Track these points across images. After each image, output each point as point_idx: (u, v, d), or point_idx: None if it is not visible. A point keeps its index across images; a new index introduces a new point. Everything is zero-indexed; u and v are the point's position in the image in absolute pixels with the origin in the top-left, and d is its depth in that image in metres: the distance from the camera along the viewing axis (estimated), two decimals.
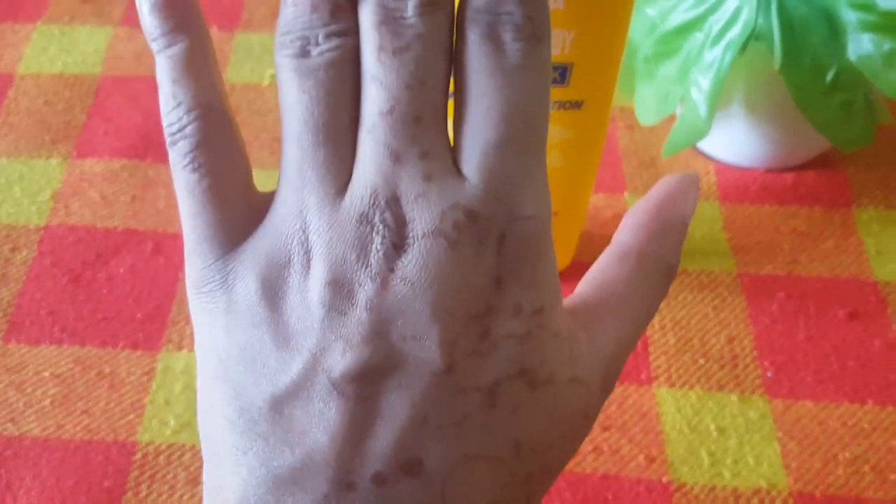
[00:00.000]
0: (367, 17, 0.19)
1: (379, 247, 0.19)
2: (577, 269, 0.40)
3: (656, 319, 0.38)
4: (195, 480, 0.33)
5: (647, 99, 0.41)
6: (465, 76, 0.19)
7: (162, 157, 0.44)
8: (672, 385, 0.36)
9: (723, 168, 0.44)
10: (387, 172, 0.19)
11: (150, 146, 0.44)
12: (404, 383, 0.19)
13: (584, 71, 0.30)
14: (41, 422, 0.34)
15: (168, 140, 0.20)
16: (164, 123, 0.20)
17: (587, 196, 0.36)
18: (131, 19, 0.51)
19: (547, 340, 0.20)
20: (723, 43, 0.36)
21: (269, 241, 0.20)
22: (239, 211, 0.20)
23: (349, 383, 0.19)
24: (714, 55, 0.36)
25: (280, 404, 0.19)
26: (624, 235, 0.23)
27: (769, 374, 0.37)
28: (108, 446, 0.34)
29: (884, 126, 0.47)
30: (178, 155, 0.20)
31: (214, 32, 0.50)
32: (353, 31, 0.19)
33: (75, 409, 0.35)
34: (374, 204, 0.19)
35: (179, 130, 0.20)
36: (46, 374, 0.36)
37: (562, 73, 0.30)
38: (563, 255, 0.39)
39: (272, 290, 0.19)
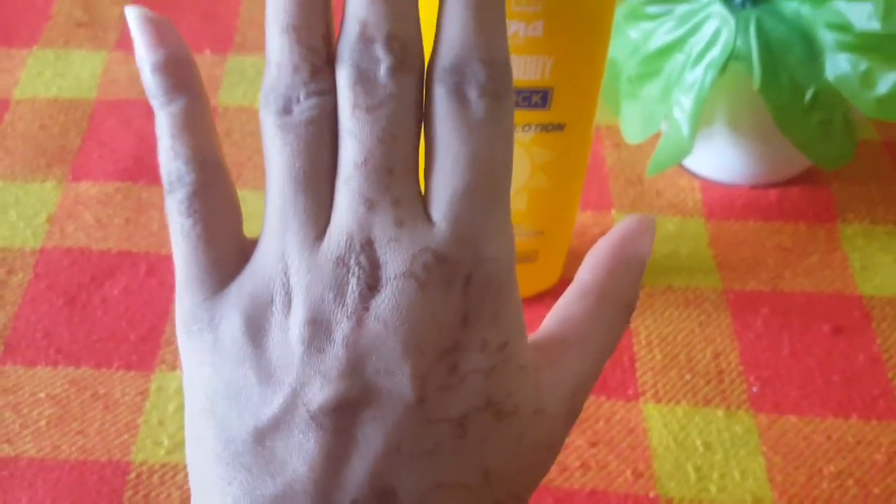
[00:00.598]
0: (344, 78, 0.21)
1: (355, 288, 0.20)
2: (564, 287, 0.41)
3: (643, 336, 0.39)
4: (188, 500, 0.33)
5: (632, 118, 0.41)
6: (434, 129, 0.21)
7: (155, 179, 0.44)
8: (659, 400, 0.37)
9: (708, 185, 0.45)
10: (361, 219, 0.20)
11: (143, 169, 0.45)
12: (378, 415, 0.20)
13: (564, 95, 0.31)
14: (37, 442, 0.35)
15: (166, 188, 0.22)
16: (163, 172, 0.22)
17: (573, 215, 0.37)
18: (126, 44, 0.52)
19: (512, 374, 0.21)
20: (703, 64, 0.36)
21: (253, 282, 0.21)
22: (228, 255, 0.22)
23: (327, 416, 0.20)
24: (695, 76, 0.37)
25: (263, 436, 0.20)
26: (585, 274, 0.24)
27: (755, 388, 0.37)
28: (103, 466, 0.34)
29: (867, 141, 0.48)
30: (175, 202, 0.22)
31: (207, 55, 0.51)
32: (331, 91, 0.21)
33: (70, 430, 0.35)
34: (350, 248, 0.20)
35: (178, 180, 0.22)
36: (42, 395, 0.36)
37: (543, 97, 0.31)
38: (550, 273, 0.40)
39: (255, 329, 0.21)
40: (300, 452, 0.20)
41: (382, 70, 0.20)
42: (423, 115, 0.21)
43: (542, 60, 0.29)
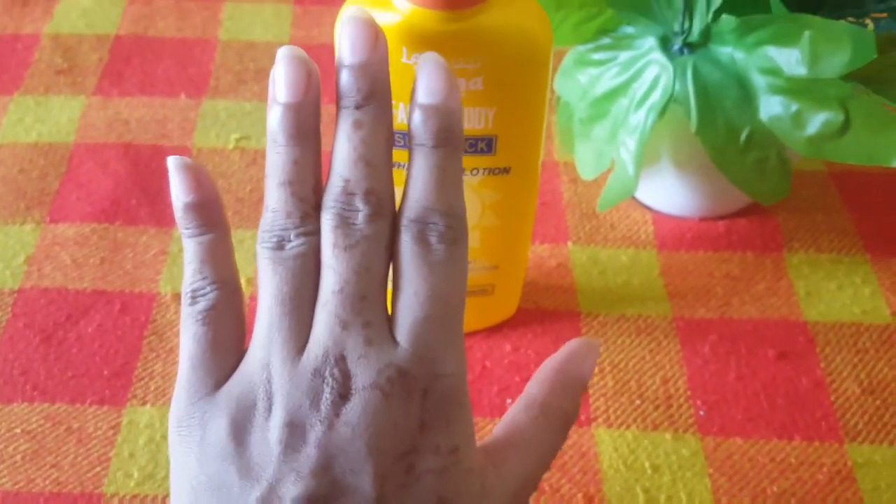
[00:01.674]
0: (328, 222, 0.25)
1: (328, 396, 0.24)
2: (522, 316, 0.43)
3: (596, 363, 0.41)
4: None
5: (585, 156, 0.43)
6: (401, 266, 0.25)
7: (130, 220, 0.46)
8: (610, 426, 0.39)
9: (660, 217, 0.47)
10: (336, 337, 0.24)
11: (119, 210, 0.47)
12: None
13: (507, 141, 0.33)
14: (12, 476, 0.36)
15: (188, 299, 0.26)
16: (188, 287, 0.26)
17: (525, 248, 0.39)
18: (104, 89, 0.54)
19: (461, 475, 0.25)
20: (645, 107, 0.39)
21: (240, 387, 0.25)
22: (229, 364, 0.25)
23: None
24: (638, 118, 0.39)
25: None
26: (532, 388, 0.29)
27: (701, 412, 0.39)
28: (76, 499, 0.36)
29: (814, 172, 0.50)
30: (194, 311, 0.25)
31: (182, 99, 0.53)
32: (316, 232, 0.25)
33: (45, 464, 0.37)
34: (325, 361, 0.24)
35: (201, 294, 0.26)
36: (18, 430, 0.38)
37: (488, 144, 0.33)
38: (507, 304, 0.42)
39: (239, 429, 0.24)
40: None
41: (360, 217, 0.25)
42: (394, 253, 0.25)
43: (485, 111, 0.31)
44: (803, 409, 0.39)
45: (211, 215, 0.26)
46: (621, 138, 0.40)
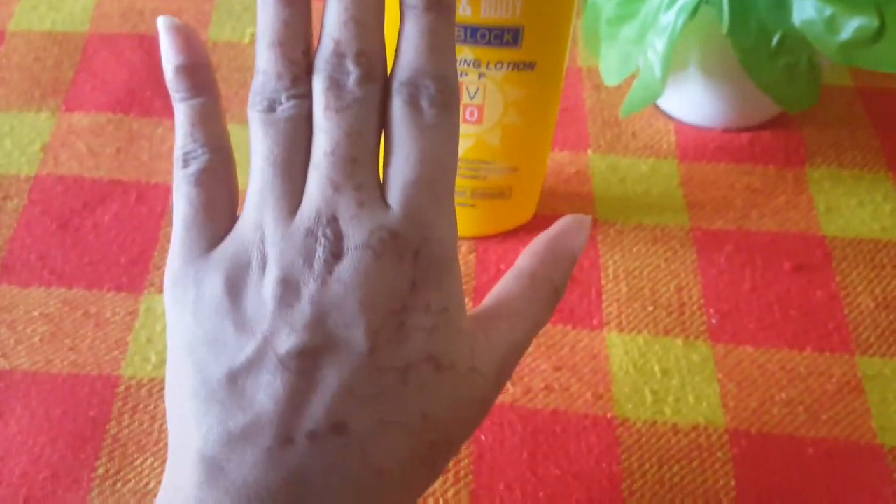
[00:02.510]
0: (318, 85, 0.24)
1: (321, 255, 0.24)
2: (538, 222, 0.42)
3: (611, 269, 0.41)
4: None
5: (610, 60, 0.42)
6: (392, 131, 0.25)
7: (146, 112, 0.46)
8: (622, 330, 0.39)
9: (682, 127, 0.46)
10: (329, 198, 0.24)
11: (134, 101, 0.46)
12: (336, 361, 0.23)
13: (534, 33, 0.32)
14: (31, 357, 0.37)
15: (180, 162, 0.25)
16: (179, 151, 0.26)
17: (546, 152, 0.39)
18: None
19: (451, 335, 0.25)
20: (676, 6, 0.38)
21: (234, 247, 0.25)
22: (221, 226, 0.25)
23: (293, 360, 0.23)
24: (668, 18, 0.38)
25: (236, 377, 0.23)
26: (523, 260, 0.29)
27: (714, 320, 0.39)
28: (94, 380, 0.36)
29: (841, 87, 0.49)
30: (187, 174, 0.25)
31: None
32: (307, 95, 0.25)
33: (63, 346, 0.37)
34: (318, 221, 0.24)
35: (193, 157, 0.25)
36: (36, 313, 0.38)
37: (514, 36, 0.32)
38: (525, 209, 0.41)
39: (234, 286, 0.24)
40: (268, 390, 0.23)
41: (351, 80, 0.24)
42: (385, 118, 0.25)
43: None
44: (816, 321, 0.39)
45: (201, 79, 0.26)
46: (650, 39, 0.39)
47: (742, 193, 0.44)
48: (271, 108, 0.25)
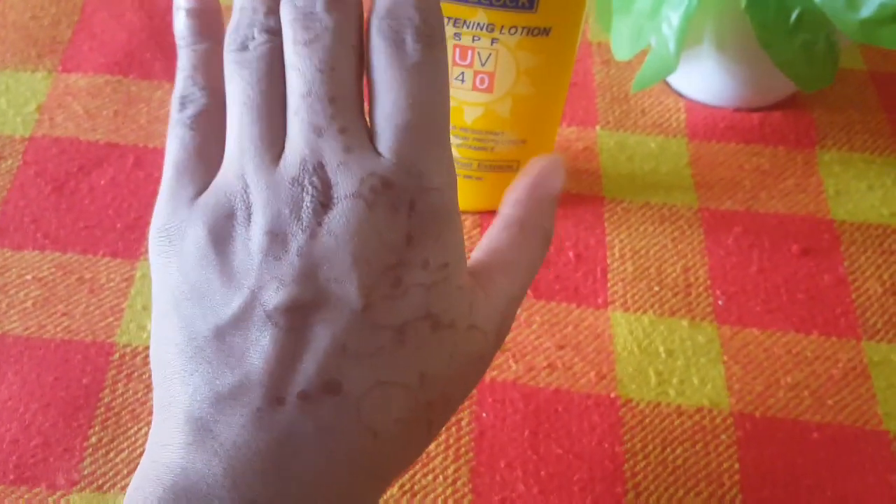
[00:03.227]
0: (285, 16, 0.23)
1: (309, 204, 0.22)
2: None
3: (617, 248, 0.40)
4: None
5: (622, 33, 0.41)
6: (375, 73, 0.23)
7: (145, 74, 0.45)
8: (627, 309, 0.38)
9: (693, 106, 0.45)
10: (312, 144, 0.22)
11: (133, 63, 0.45)
12: (328, 318, 0.22)
13: None
14: (23, 322, 0.36)
15: (177, 105, 0.24)
16: (178, 94, 0.24)
17: (555, 125, 0.38)
18: None
19: (450, 292, 0.24)
20: None
21: (216, 197, 0.23)
22: (210, 175, 0.24)
23: (281, 315, 0.22)
24: None
25: (223, 333, 0.22)
26: (507, 209, 0.28)
27: (720, 302, 0.39)
28: (87, 346, 0.35)
29: (853, 70, 0.48)
30: (183, 116, 0.24)
31: None
32: (281, 31, 0.23)
33: (56, 311, 0.36)
34: (303, 169, 0.22)
35: (191, 100, 0.24)
36: (29, 277, 0.37)
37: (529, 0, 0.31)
38: None
39: (219, 238, 0.23)
40: (256, 347, 0.22)
41: (318, 5, 0.23)
42: (367, 59, 0.23)
43: None
44: (823, 305, 0.39)
45: (209, 25, 0.25)
46: (664, 13, 0.38)
47: (751, 174, 0.43)
48: (244, 46, 0.23)
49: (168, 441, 0.22)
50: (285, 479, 0.22)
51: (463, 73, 0.34)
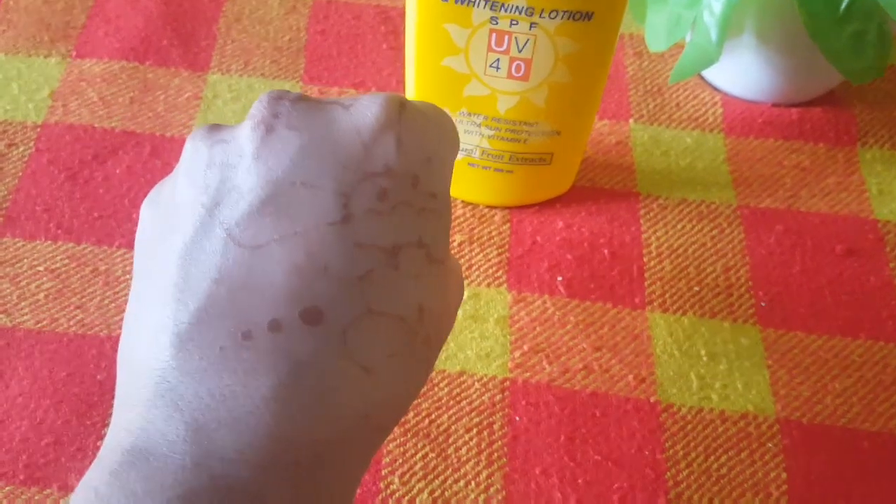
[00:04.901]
0: None
1: (266, 103, 0.20)
2: (576, 193, 0.40)
3: (654, 246, 0.38)
4: None
5: (657, 24, 0.40)
6: None
7: (162, 61, 0.43)
8: (665, 310, 0.36)
9: (729, 100, 0.44)
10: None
11: (150, 50, 0.43)
12: (300, 231, 0.19)
13: None
14: (35, 314, 0.34)
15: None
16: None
17: (591, 116, 0.36)
18: None
19: (441, 226, 0.21)
20: None
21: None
22: None
23: (244, 231, 0.19)
24: None
25: (182, 263, 0.19)
26: None
27: (763, 303, 0.37)
28: (102, 341, 0.34)
29: (892, 66, 0.46)
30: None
31: None
32: None
33: (69, 304, 0.35)
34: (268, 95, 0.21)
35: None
36: (41, 268, 0.36)
37: None
38: (563, 178, 0.39)
39: (186, 167, 0.21)
40: (216, 272, 0.19)
41: None
42: None
43: None
44: (870, 308, 0.37)
45: None
46: (705, 1, 0.36)
47: (791, 172, 0.42)
48: None
49: (129, 401, 0.19)
50: (257, 429, 0.19)
51: (498, 59, 0.33)
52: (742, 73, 0.42)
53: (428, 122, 0.21)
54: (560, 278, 0.37)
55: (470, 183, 0.38)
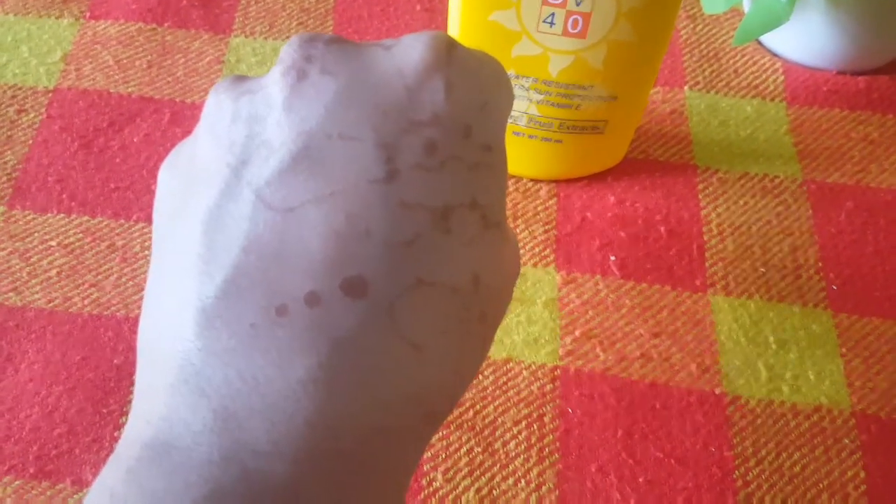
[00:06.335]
0: None
1: (298, 48, 0.18)
2: (628, 166, 0.37)
3: (714, 223, 0.35)
4: None
5: None
6: None
7: (181, 23, 0.40)
8: (729, 293, 0.33)
9: (791, 67, 0.41)
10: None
11: (168, 10, 0.41)
12: (338, 190, 0.16)
13: None
14: (47, 293, 0.32)
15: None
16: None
17: (651, 79, 0.33)
18: None
19: (496, 184, 0.18)
20: None
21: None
22: None
23: (275, 192, 0.16)
24: None
25: (207, 229, 0.17)
26: None
27: (834, 286, 0.34)
28: (120, 322, 0.31)
29: None
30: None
31: None
32: None
33: (84, 282, 0.32)
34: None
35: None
36: (53, 243, 0.33)
37: None
38: (617, 149, 0.36)
39: (207, 126, 0.18)
40: (245, 239, 0.16)
41: None
42: None
43: None
44: None
45: None
46: None
47: (859, 144, 0.38)
48: None
49: (150, 388, 0.17)
50: (294, 417, 0.16)
51: (553, 14, 0.30)
52: (807, 37, 0.39)
53: (481, 64, 0.18)
54: (613, 258, 0.34)
55: (514, 154, 0.35)
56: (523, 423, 0.30)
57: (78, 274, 0.32)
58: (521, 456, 0.29)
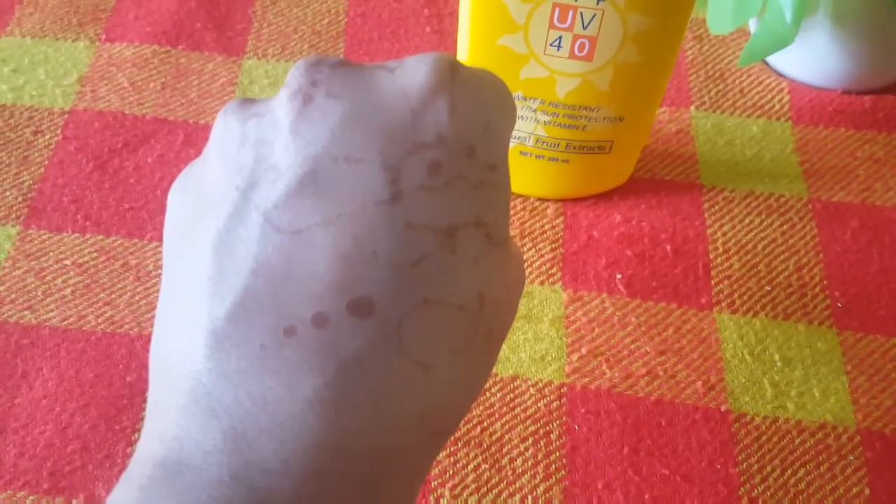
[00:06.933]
0: None
1: (304, 74, 0.18)
2: (635, 185, 0.37)
3: (720, 242, 0.36)
4: None
5: (721, 5, 0.37)
6: None
7: (195, 45, 0.41)
8: (735, 311, 0.34)
9: (797, 87, 0.41)
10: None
11: (182, 33, 0.41)
12: (344, 212, 0.17)
13: None
14: (61, 311, 0.32)
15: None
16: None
17: (657, 101, 0.33)
18: None
19: (500, 203, 0.19)
20: None
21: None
22: None
23: (282, 215, 0.17)
24: None
25: (217, 251, 0.17)
26: None
27: (839, 304, 0.34)
28: (133, 340, 0.32)
29: None
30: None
31: None
32: None
33: (98, 300, 0.33)
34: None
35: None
36: (68, 262, 0.34)
37: None
38: (623, 169, 0.36)
39: (217, 147, 0.19)
40: (253, 262, 0.17)
41: None
42: None
43: None
44: None
45: None
46: None
47: (864, 163, 0.39)
48: None
49: (162, 407, 0.17)
50: (303, 436, 0.17)
51: (560, 37, 0.30)
52: (812, 57, 0.39)
53: (484, 84, 0.19)
54: (619, 276, 0.34)
55: (522, 173, 0.35)
56: (530, 439, 0.30)
57: (92, 292, 0.33)
58: (528, 472, 0.30)
